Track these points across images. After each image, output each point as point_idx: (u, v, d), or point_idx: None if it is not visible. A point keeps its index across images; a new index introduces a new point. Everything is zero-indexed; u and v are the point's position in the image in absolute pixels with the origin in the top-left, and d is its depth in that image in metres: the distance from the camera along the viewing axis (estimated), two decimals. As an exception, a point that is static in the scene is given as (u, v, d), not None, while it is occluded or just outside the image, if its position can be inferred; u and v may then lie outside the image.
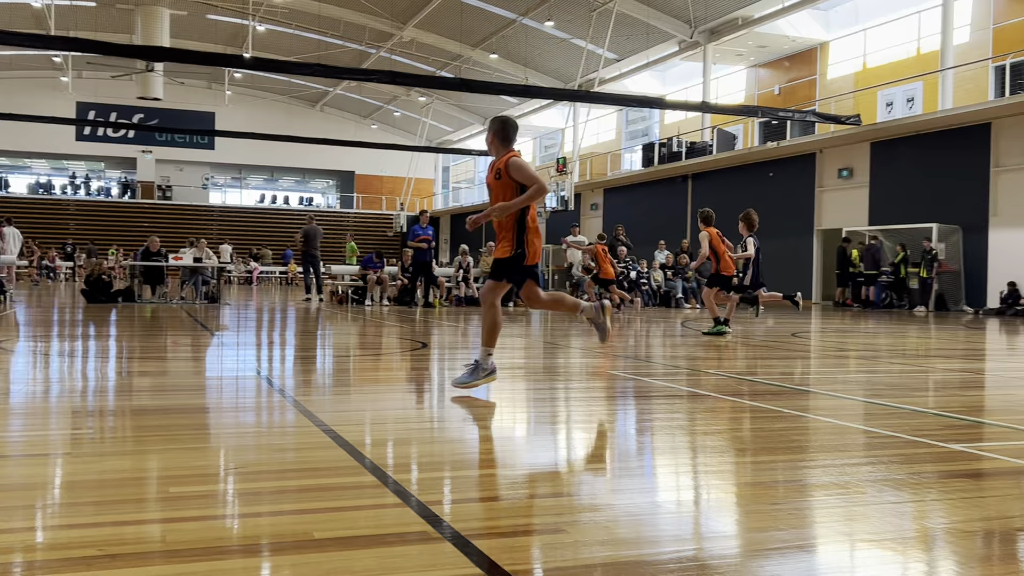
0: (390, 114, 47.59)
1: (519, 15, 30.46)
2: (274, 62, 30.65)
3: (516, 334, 11.13)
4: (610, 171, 34.47)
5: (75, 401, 5.02)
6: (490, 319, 5.42)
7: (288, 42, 36.17)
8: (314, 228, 19.83)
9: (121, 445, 3.76)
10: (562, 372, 7.04)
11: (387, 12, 31.75)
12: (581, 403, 5.40)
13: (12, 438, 3.94)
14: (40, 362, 7.05)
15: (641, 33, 28.99)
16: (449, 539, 2.44)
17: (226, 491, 3.03)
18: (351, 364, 7.49)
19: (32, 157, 48.72)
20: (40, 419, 4.44)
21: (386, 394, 5.75)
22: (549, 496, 3.03)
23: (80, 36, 31.72)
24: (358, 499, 2.92)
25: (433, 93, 41.48)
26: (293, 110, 47.55)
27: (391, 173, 49.39)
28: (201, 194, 48.20)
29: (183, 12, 33.79)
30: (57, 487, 3.03)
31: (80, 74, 42.62)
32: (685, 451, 3.91)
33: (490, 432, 4.38)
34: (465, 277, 19.52)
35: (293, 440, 3.96)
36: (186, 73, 41.73)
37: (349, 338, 10.34)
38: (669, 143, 29.77)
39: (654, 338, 11.06)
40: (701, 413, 4.88)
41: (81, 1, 33.09)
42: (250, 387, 5.78)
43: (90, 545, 2.34)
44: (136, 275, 17.87)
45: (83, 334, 10.03)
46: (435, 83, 33.92)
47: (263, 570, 2.22)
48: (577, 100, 31.30)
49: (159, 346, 8.69)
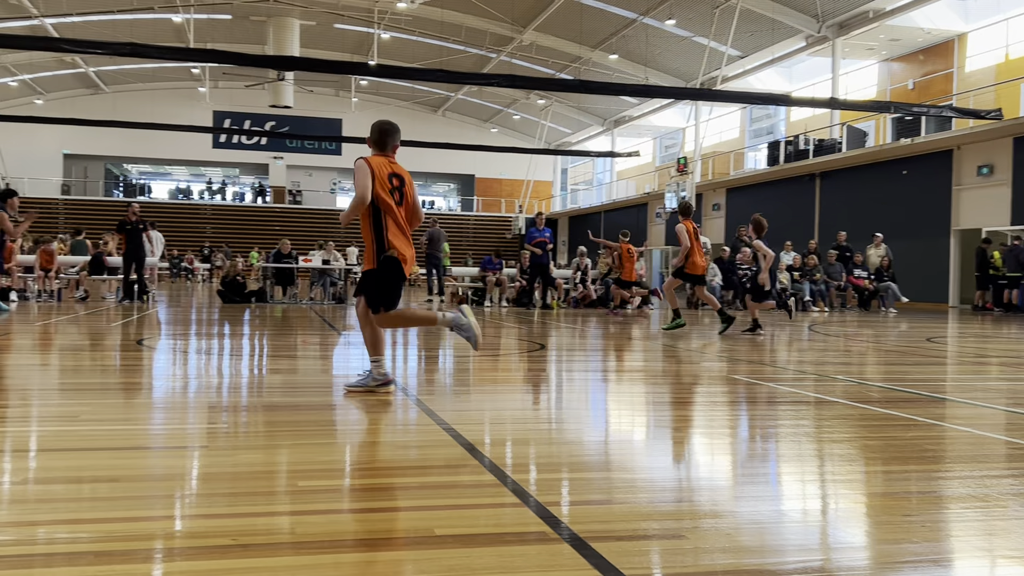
0: (509, 117, 48.01)
1: (639, 14, 30.19)
2: (398, 69, 31.47)
3: (634, 337, 11.03)
4: (733, 170, 33.75)
5: (211, 397, 5.27)
6: (368, 333, 5.30)
7: (411, 49, 36.97)
8: (438, 231, 20.19)
9: (253, 440, 3.93)
10: (682, 376, 6.93)
11: (507, 16, 32.03)
12: (702, 408, 5.30)
13: (154, 431, 4.17)
14: (179, 359, 7.44)
15: (766, 29, 28.27)
16: (567, 540, 2.44)
17: (351, 486, 3.12)
18: (471, 364, 7.58)
19: (172, 164, 51.56)
20: (179, 413, 4.68)
21: (505, 394, 5.79)
22: (669, 501, 2.99)
23: (217, 48, 33.32)
24: (477, 497, 2.95)
25: (552, 95, 41.61)
26: (416, 115, 48.55)
27: (510, 176, 49.81)
28: (329, 198, 49.81)
29: (312, 22, 35.04)
30: (194, 479, 3.19)
31: (216, 84, 44.75)
32: (811, 459, 3.79)
33: (608, 435, 4.36)
34: (583, 279, 19.48)
35: (415, 438, 4.04)
36: (315, 81, 43.25)
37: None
38: (795, 141, 28.90)
39: (779, 342, 10.76)
40: (829, 420, 4.72)
41: (217, 15, 34.73)
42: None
43: (224, 535, 2.45)
44: (268, 276, 18.66)
45: (219, 333, 10.52)
46: (554, 85, 34.02)
47: (386, 564, 2.28)
48: (699, 99, 30.76)
49: (289, 345, 9.02)
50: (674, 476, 3.46)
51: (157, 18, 33.70)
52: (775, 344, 10.28)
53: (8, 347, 8.00)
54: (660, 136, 43.40)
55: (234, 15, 34.93)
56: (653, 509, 2.85)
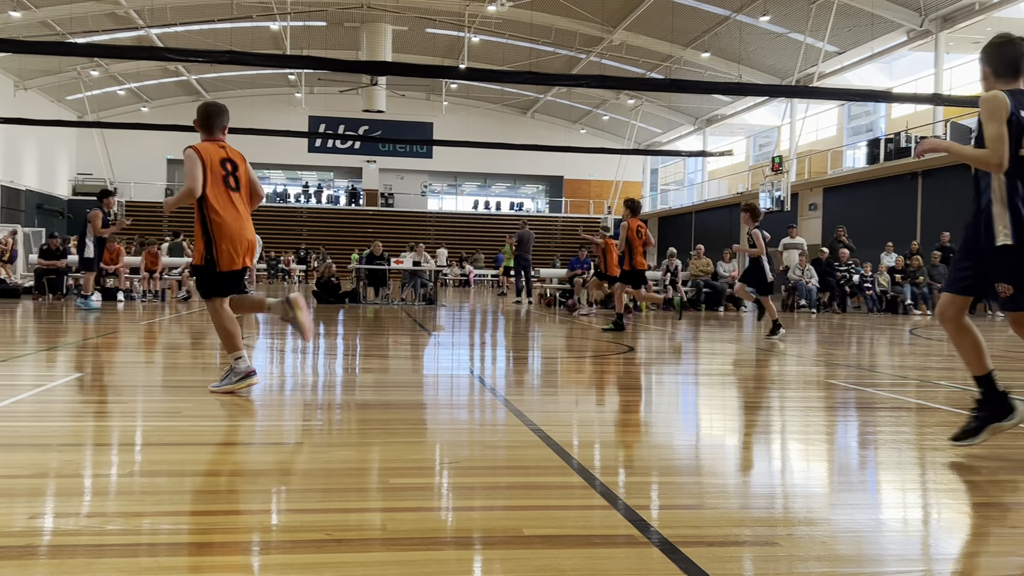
0: (599, 118, 47.81)
1: (733, 11, 29.68)
2: (488, 72, 31.67)
3: (726, 339, 10.84)
4: (831, 169, 32.83)
5: (306, 395, 5.40)
6: (221, 328, 5.10)
7: (501, 52, 37.19)
8: (527, 233, 20.25)
9: (347, 437, 4.01)
10: (776, 380, 6.77)
11: (597, 16, 31.89)
12: (796, 413, 5.17)
13: (252, 428, 4.30)
14: (276, 358, 7.65)
15: (865, 24, 27.42)
16: (657, 545, 2.42)
17: (441, 484, 3.16)
18: (559, 366, 7.58)
19: (270, 168, 53.10)
20: (276, 411, 4.81)
21: (593, 397, 5.77)
22: (761, 507, 2.92)
23: (312, 54, 34.15)
24: (566, 499, 2.95)
25: (642, 95, 41.27)
26: (505, 118, 48.80)
27: (599, 177, 49.61)
28: (420, 201, 50.50)
29: (404, 27, 35.58)
30: (290, 474, 3.27)
31: (312, 90, 45.89)
32: (912, 467, 3.66)
33: (699, 439, 4.30)
34: (673, 280, 19.26)
35: (504, 438, 4.06)
36: (406, 86, 43.92)
37: (556, 340, 10.47)
38: (896, 138, 27.94)
39: (879, 346, 10.42)
40: (931, 427, 4.55)
41: (313, 21, 35.60)
42: (464, 385, 5.98)
43: (319, 529, 2.51)
44: (361, 278, 19.03)
45: (313, 332, 10.78)
46: (645, 85, 33.75)
47: (475, 562, 2.29)
48: (795, 96, 30.07)
49: (381, 345, 9.18)
50: (767, 482, 3.39)
51: (255, 26, 34.74)
52: (875, 348, 9.97)
53: (115, 345, 8.36)
54: (754, 135, 42.58)
55: (329, 22, 35.74)
56: (745, 515, 2.79)
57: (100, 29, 32.78)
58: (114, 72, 39.79)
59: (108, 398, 5.13)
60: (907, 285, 19.58)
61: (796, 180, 32.14)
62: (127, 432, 4.06)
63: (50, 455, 3.43)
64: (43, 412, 4.53)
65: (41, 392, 5.11)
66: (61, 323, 10.95)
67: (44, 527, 2.52)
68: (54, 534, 2.45)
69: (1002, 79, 3.76)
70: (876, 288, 19.88)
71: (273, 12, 33.05)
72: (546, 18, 32.73)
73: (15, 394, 4.96)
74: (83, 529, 2.48)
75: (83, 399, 5.03)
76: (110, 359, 7.14)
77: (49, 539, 2.40)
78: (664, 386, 6.39)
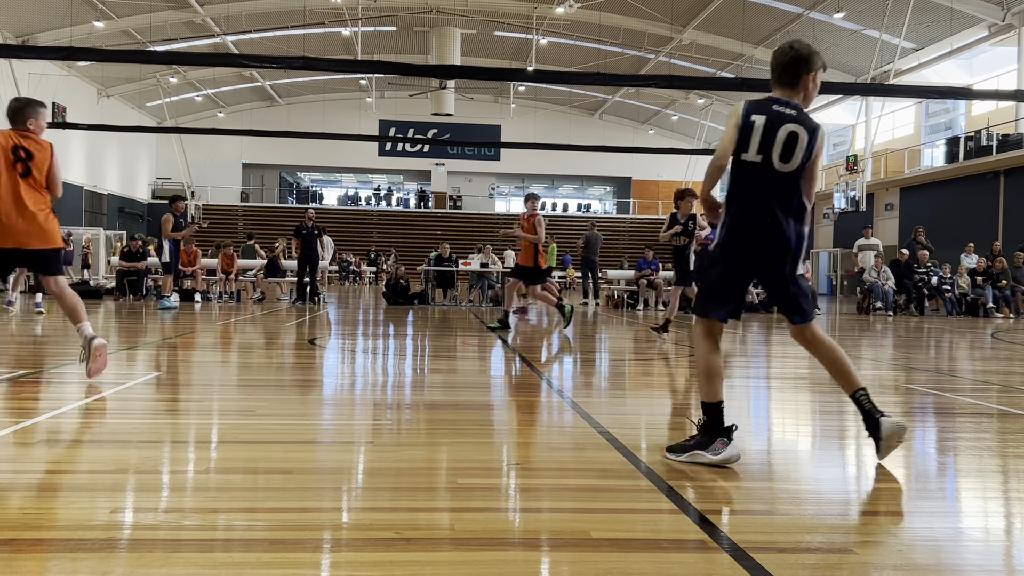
0: (668, 118, 47.39)
1: (806, 9, 29.13)
2: (555, 73, 31.67)
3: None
4: (908, 168, 31.97)
5: (376, 394, 5.47)
6: (67, 304, 5.47)
7: (569, 53, 37.14)
8: (595, 234, 20.17)
9: (415, 437, 4.04)
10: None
11: (666, 16, 31.63)
12: (872, 417, 5.03)
13: (323, 426, 4.37)
14: (347, 358, 7.76)
15: (943, 19, 26.65)
16: (727, 550, 2.38)
17: (509, 485, 3.16)
18: (626, 368, 7.53)
19: (341, 172, 54.03)
20: (347, 410, 4.88)
21: (661, 400, 5.71)
22: (835, 514, 2.86)
23: (382, 59, 34.62)
24: (634, 502, 2.93)
25: (712, 95, 40.78)
26: (573, 119, 48.70)
27: (668, 177, 49.16)
28: (487, 203, 50.74)
29: (472, 31, 35.80)
30: (360, 473, 3.32)
31: (382, 94, 46.49)
32: (994, 475, 3.53)
33: (771, 444, 4.22)
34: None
35: (571, 440, 4.05)
36: (474, 89, 44.19)
37: (624, 342, 10.41)
38: (977, 136, 27.08)
39: (959, 350, 10.10)
40: (1014, 434, 4.39)
41: (383, 27, 36.07)
42: (531, 387, 5.98)
43: (388, 528, 2.54)
44: (430, 279, 19.20)
45: (383, 333, 10.91)
46: (715, 84, 33.31)
47: (543, 564, 2.29)
48: (870, 94, 29.38)
49: (449, 345, 9.24)
50: (841, 488, 3.31)
51: (327, 32, 35.35)
52: (955, 352, 9.68)
53: (192, 345, 8.59)
54: (828, 133, 41.68)
55: (399, 27, 36.18)
56: (819, 521, 2.73)
57: (178, 37, 33.77)
58: (192, 79, 40.94)
59: (185, 396, 5.27)
60: (988, 287, 18.94)
61: (872, 180, 31.40)
62: (203, 429, 4.16)
63: (130, 451, 3.54)
64: (124, 409, 4.68)
65: (122, 390, 5.27)
66: (141, 323, 11.30)
67: (124, 521, 2.60)
68: (133, 528, 2.52)
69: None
70: (955, 290, 19.28)
71: (345, 18, 33.59)
72: (614, 19, 32.58)
73: (98, 392, 5.13)
74: (161, 524, 2.55)
75: (161, 397, 5.18)
76: (187, 358, 7.33)
77: (129, 533, 2.48)
78: (734, 390, 6.29)
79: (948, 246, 22.26)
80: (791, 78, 3.66)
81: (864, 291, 19.17)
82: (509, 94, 46.20)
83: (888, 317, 17.51)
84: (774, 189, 3.58)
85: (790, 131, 3.57)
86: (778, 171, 3.57)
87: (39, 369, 6.16)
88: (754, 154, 3.56)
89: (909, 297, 19.10)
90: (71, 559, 2.23)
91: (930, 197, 29.48)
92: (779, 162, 3.56)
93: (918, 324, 15.18)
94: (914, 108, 34.54)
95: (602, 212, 51.84)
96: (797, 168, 3.59)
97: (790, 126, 3.57)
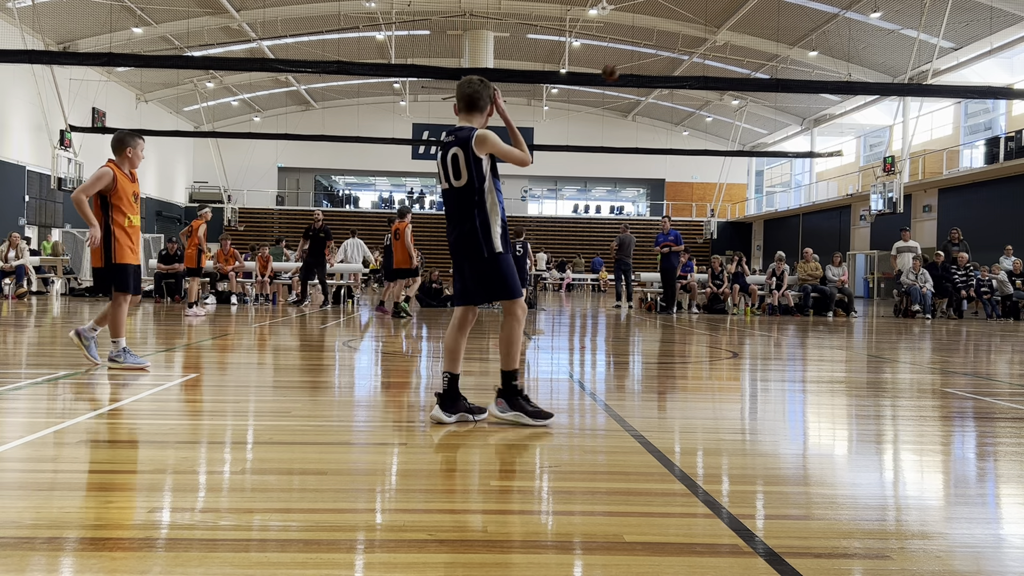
0: (701, 120, 47.11)
1: (842, 8, 28.81)
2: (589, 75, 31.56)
3: (835, 346, 10.52)
4: (946, 169, 31.48)
5: (409, 396, 5.49)
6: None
7: (602, 55, 37.04)
8: (628, 236, 20.09)
9: (448, 438, 4.05)
10: (888, 388, 6.52)
11: (700, 17, 31.43)
12: (910, 422, 4.96)
13: (357, 428, 4.39)
14: (379, 360, 7.80)
15: (983, 18, 26.20)
16: (762, 555, 2.36)
17: (541, 488, 3.16)
18: (660, 371, 7.49)
19: (376, 175, 54.31)
20: (380, 412, 4.91)
21: (696, 403, 5.67)
22: (873, 520, 2.82)
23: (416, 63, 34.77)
24: (667, 506, 2.91)
25: (747, 96, 40.47)
26: (606, 121, 48.57)
27: (701, 179, 48.88)
28: (520, 205, 50.75)
29: (506, 34, 35.84)
30: (393, 474, 3.33)
31: (416, 98, 46.69)
32: (1037, 481, 3.47)
33: (807, 448, 4.17)
34: (779, 284, 18.80)
35: (604, 443, 4.03)
36: (507, 91, 44.18)
37: (658, 345, 10.35)
38: (1018, 137, 26.59)
39: (999, 353, 9.92)
40: (1057, 440, 4.30)
41: (417, 31, 36.24)
42: (564, 389, 5.97)
43: (421, 529, 2.54)
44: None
45: (416, 335, 10.96)
46: (749, 85, 33.08)
47: (576, 567, 2.28)
48: (908, 94, 28.92)
49: (482, 348, 9.25)
50: (879, 493, 3.26)
51: (361, 36, 35.58)
52: (994, 355, 9.51)
53: (228, 347, 8.68)
54: (864, 134, 41.21)
55: (432, 30, 36.33)
56: (855, 527, 2.70)
57: (215, 42, 34.18)
58: (228, 84, 41.41)
59: (221, 397, 5.33)
60: (1028, 289, 18.61)
61: (909, 181, 30.96)
62: (239, 431, 4.20)
63: (167, 451, 3.59)
64: (161, 410, 4.74)
65: (159, 391, 5.34)
66: (179, 325, 11.44)
67: (161, 521, 2.63)
68: (170, 528, 2.55)
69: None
70: (994, 293, 18.95)
71: (379, 22, 33.80)
72: (648, 20, 32.44)
73: (136, 393, 5.20)
74: (197, 524, 2.58)
75: (198, 398, 5.24)
76: (223, 360, 7.41)
77: (166, 532, 2.51)
78: (769, 392, 6.24)
79: (987, 248, 21.89)
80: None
81: (902, 294, 18.91)
82: (542, 96, 46.17)
83: (926, 320, 17.26)
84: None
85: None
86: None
87: (79, 370, 6.26)
88: None
89: (948, 300, 18.81)
90: (110, 558, 2.26)
91: (969, 198, 29.01)
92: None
93: (956, 327, 14.94)
94: (953, 108, 34.01)
95: (635, 214, 51.64)
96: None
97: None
